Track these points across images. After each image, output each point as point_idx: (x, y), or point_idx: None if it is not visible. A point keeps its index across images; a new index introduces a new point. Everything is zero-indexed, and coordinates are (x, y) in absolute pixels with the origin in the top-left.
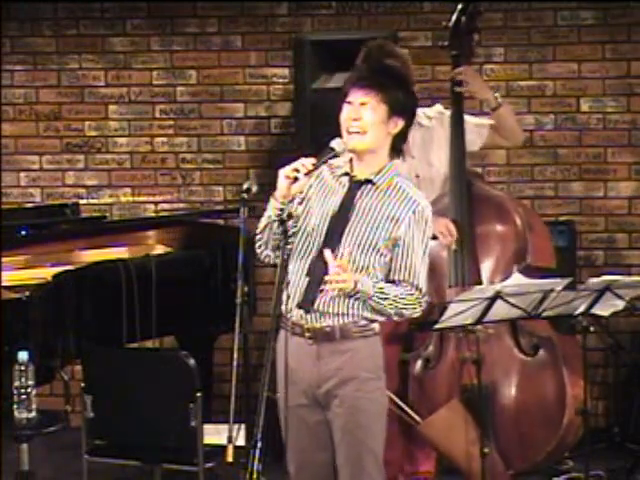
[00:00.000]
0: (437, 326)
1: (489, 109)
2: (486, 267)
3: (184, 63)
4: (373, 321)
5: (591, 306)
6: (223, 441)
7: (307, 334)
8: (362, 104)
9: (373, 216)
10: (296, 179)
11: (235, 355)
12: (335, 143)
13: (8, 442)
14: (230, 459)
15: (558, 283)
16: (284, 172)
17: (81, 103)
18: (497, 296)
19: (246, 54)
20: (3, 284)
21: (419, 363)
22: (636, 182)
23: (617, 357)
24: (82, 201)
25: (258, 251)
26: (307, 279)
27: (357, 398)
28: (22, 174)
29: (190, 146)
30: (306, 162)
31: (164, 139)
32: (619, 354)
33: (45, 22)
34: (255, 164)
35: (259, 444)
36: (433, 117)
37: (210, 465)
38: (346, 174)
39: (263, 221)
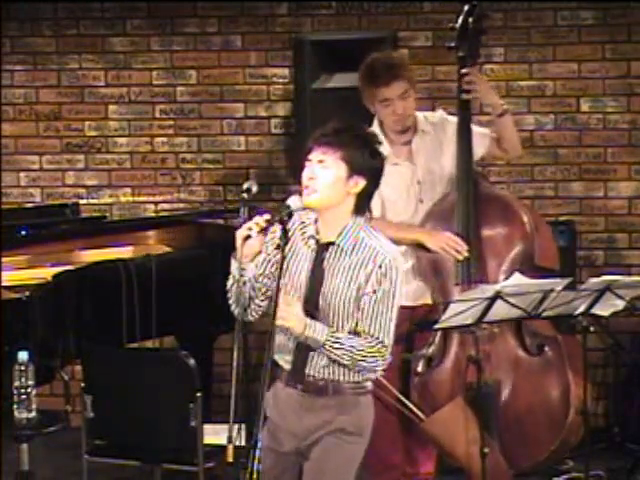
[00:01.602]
0: (437, 326)
1: (494, 115)
2: (494, 266)
3: (184, 63)
4: (367, 379)
5: (591, 306)
6: (223, 441)
7: (299, 386)
8: (320, 162)
9: (342, 280)
10: (249, 237)
11: (235, 355)
12: (291, 200)
13: (8, 442)
14: (230, 459)
15: (558, 283)
16: (238, 233)
17: (81, 103)
18: (497, 296)
19: (246, 54)
20: (3, 284)
21: (422, 362)
22: (636, 182)
23: (617, 357)
24: (82, 201)
25: (232, 308)
26: (293, 346)
27: (333, 445)
28: (22, 174)
29: (190, 146)
30: (259, 220)
31: (164, 139)
32: (619, 354)
33: (45, 22)
34: (255, 164)
35: (259, 444)
36: (435, 123)
37: (210, 465)
38: (311, 237)
39: (230, 281)
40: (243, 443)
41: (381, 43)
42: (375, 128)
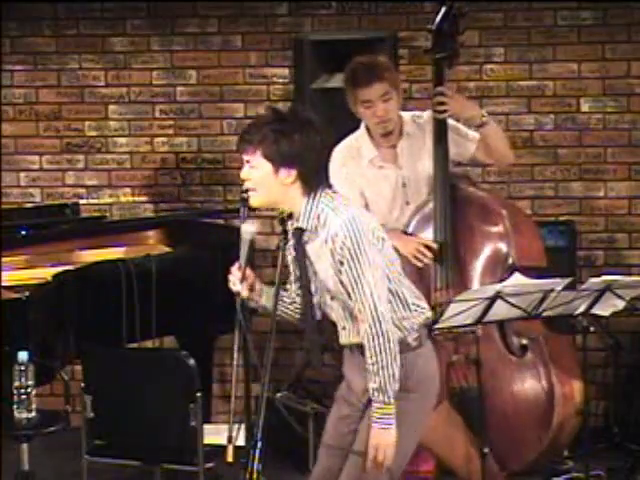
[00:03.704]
0: (437, 326)
1: (474, 126)
2: (470, 269)
3: (184, 63)
4: (404, 335)
5: (591, 306)
6: (223, 441)
7: (349, 347)
8: (247, 162)
9: (320, 263)
10: (239, 292)
11: (235, 355)
12: (244, 232)
13: (8, 442)
14: (230, 459)
15: (558, 283)
16: (232, 288)
17: (81, 103)
18: (497, 296)
19: (246, 54)
20: (3, 284)
21: None
22: (636, 182)
23: (617, 357)
24: (82, 201)
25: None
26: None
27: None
28: (22, 174)
29: (190, 146)
30: (234, 271)
31: (164, 139)
32: (619, 354)
33: (45, 22)
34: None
35: (259, 444)
36: (421, 123)
37: (210, 465)
38: (287, 230)
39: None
40: (243, 443)
41: (381, 43)
42: (362, 132)
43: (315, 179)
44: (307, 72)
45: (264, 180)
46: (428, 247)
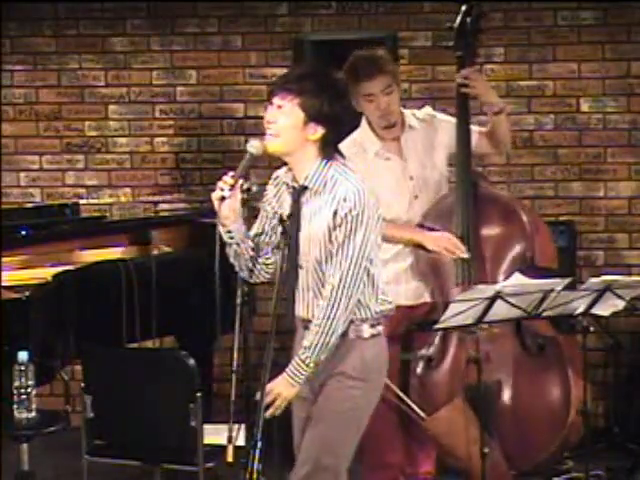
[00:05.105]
0: (437, 326)
1: (492, 112)
2: (493, 267)
3: (184, 63)
4: (364, 321)
5: (591, 306)
6: (223, 441)
7: (305, 323)
8: (279, 107)
9: (316, 222)
10: (223, 198)
11: (235, 355)
12: (250, 145)
13: (8, 442)
14: (230, 459)
15: (558, 283)
16: (213, 196)
17: (81, 103)
18: (497, 296)
19: (246, 54)
20: (3, 284)
21: (421, 362)
22: (636, 182)
23: (617, 357)
24: (82, 201)
25: (240, 274)
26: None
27: (333, 388)
28: (22, 174)
29: (190, 146)
30: (226, 178)
31: (164, 139)
32: (619, 354)
33: (45, 22)
34: (255, 164)
35: (259, 444)
36: (422, 119)
37: (210, 465)
38: (286, 184)
39: (226, 248)
40: (243, 443)
41: (381, 43)
42: (364, 127)
43: (334, 146)
44: None
45: (289, 128)
46: (456, 243)
